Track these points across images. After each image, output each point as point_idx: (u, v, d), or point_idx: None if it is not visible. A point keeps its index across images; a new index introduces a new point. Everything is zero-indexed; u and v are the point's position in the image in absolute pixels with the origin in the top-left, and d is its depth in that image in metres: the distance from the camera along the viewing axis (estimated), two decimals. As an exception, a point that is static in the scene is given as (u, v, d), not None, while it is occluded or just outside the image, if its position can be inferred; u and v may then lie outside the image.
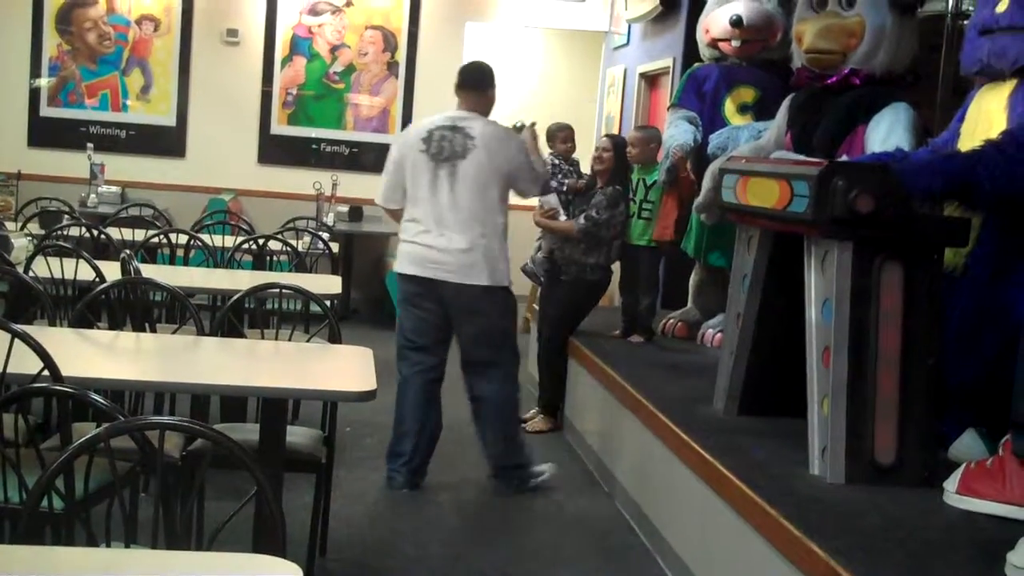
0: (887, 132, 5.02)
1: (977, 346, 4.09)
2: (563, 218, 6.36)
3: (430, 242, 5.08)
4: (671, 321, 6.84)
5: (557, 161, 6.49)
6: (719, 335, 6.20)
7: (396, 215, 5.33)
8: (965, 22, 4.98)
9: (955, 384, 4.07)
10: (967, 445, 4.04)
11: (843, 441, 3.83)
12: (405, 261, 5.19)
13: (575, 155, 6.65)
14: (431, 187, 5.09)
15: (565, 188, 6.41)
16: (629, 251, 6.49)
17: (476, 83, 5.37)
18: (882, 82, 5.20)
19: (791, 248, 4.28)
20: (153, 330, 4.74)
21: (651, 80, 9.28)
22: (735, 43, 6.51)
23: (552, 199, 6.40)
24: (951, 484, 3.68)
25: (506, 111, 11.81)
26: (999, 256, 4.08)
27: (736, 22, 6.40)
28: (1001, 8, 4.19)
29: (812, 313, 4.02)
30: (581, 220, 6.21)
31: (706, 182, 5.87)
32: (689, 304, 6.96)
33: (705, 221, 6.01)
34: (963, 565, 3.21)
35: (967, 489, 3.62)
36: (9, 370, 3.06)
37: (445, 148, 5.10)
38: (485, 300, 5.12)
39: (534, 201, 6.64)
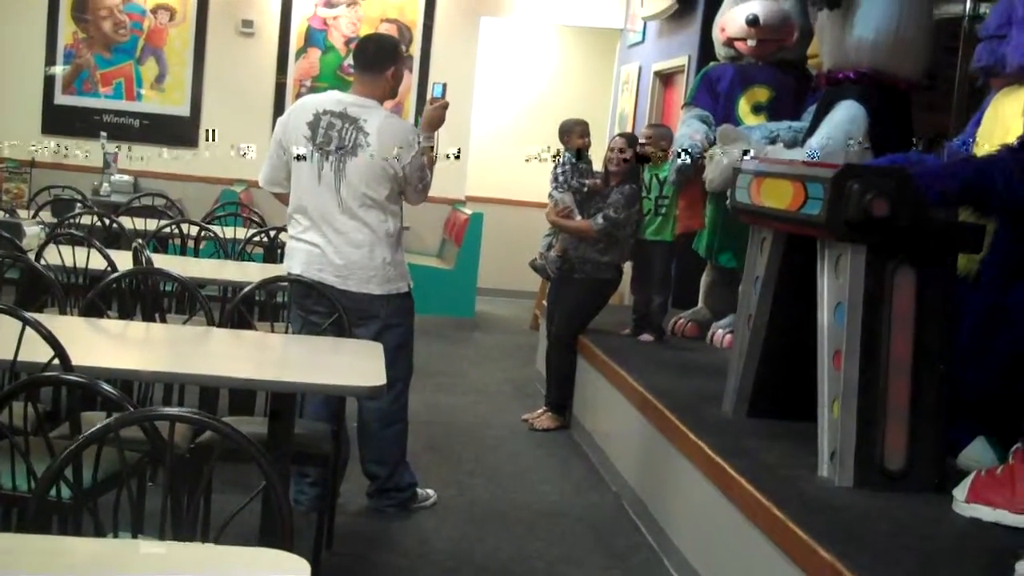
0: (822, 131, 5.13)
1: (988, 353, 4.08)
2: (578, 217, 6.35)
3: (316, 240, 4.54)
4: (681, 321, 6.83)
5: (575, 160, 6.47)
6: (729, 336, 6.19)
7: (283, 199, 4.71)
8: (980, 25, 4.97)
9: (966, 391, 4.06)
10: (977, 452, 4.02)
11: (853, 445, 3.82)
12: (292, 260, 4.63)
13: (588, 152, 6.62)
14: (315, 180, 4.51)
15: (586, 189, 6.39)
16: (642, 248, 6.48)
17: (370, 63, 4.60)
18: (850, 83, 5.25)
19: (804, 250, 4.26)
20: (163, 320, 4.74)
21: (666, 78, 9.27)
22: (751, 43, 6.50)
23: (567, 197, 6.38)
24: (960, 492, 3.66)
25: (520, 108, 11.88)
26: (1012, 262, 4.07)
27: (752, 21, 6.39)
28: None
29: (824, 316, 4.01)
30: (599, 220, 6.21)
31: (709, 171, 5.90)
32: (700, 304, 6.96)
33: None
34: (971, 573, 3.20)
35: (976, 497, 3.60)
36: (20, 358, 3.06)
37: (333, 138, 4.49)
38: (378, 305, 4.58)
39: (545, 198, 6.63)
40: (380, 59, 4.60)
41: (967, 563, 3.27)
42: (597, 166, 6.69)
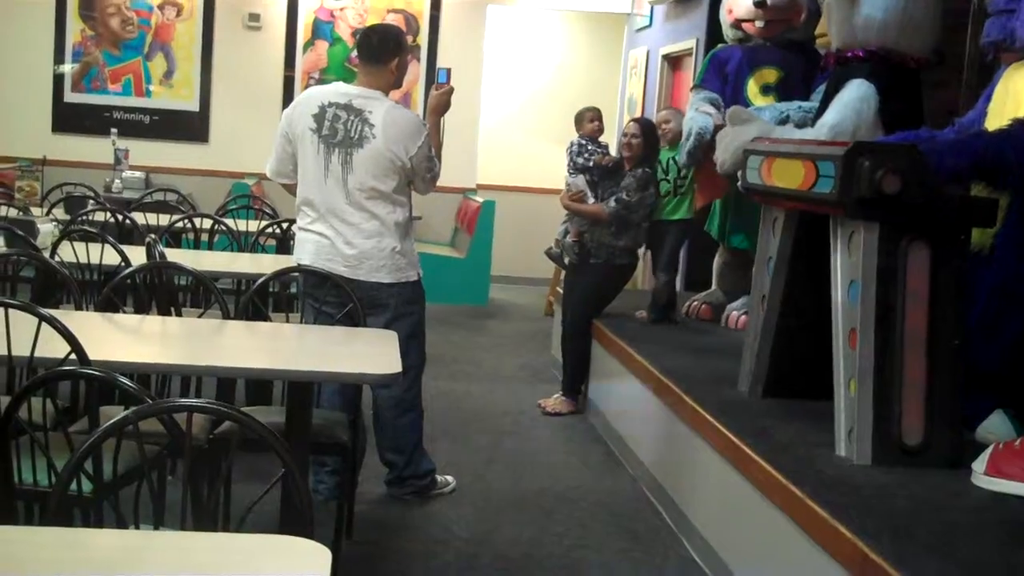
0: (832, 110, 5.11)
1: (1004, 327, 4.07)
2: (591, 200, 6.35)
3: (324, 231, 4.55)
4: (695, 303, 6.83)
5: (584, 142, 6.49)
6: (744, 317, 6.18)
7: (291, 189, 4.71)
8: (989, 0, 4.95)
9: (982, 365, 4.05)
10: (995, 426, 4.02)
11: (870, 422, 3.82)
12: (301, 251, 4.64)
13: (602, 138, 6.64)
14: (322, 172, 4.51)
15: (592, 163, 6.39)
16: (658, 229, 6.47)
17: (374, 54, 4.57)
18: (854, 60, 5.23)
19: (817, 229, 4.26)
20: (179, 314, 4.75)
21: (674, 62, 9.25)
22: (759, 23, 6.48)
23: (580, 180, 6.39)
24: (979, 465, 3.66)
25: (529, 95, 11.87)
26: (1025, 236, 4.06)
27: (760, 3, 6.36)
28: None
29: (838, 295, 4.00)
30: (612, 203, 6.21)
31: (720, 153, 5.88)
32: (713, 286, 6.95)
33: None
34: (991, 546, 3.19)
35: (995, 470, 3.60)
36: (37, 354, 3.07)
37: (339, 131, 4.48)
38: (388, 294, 4.59)
39: (561, 183, 6.64)
40: (384, 50, 4.57)
41: (986, 536, 3.26)
42: (610, 150, 6.70)
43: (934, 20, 5.18)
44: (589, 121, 6.57)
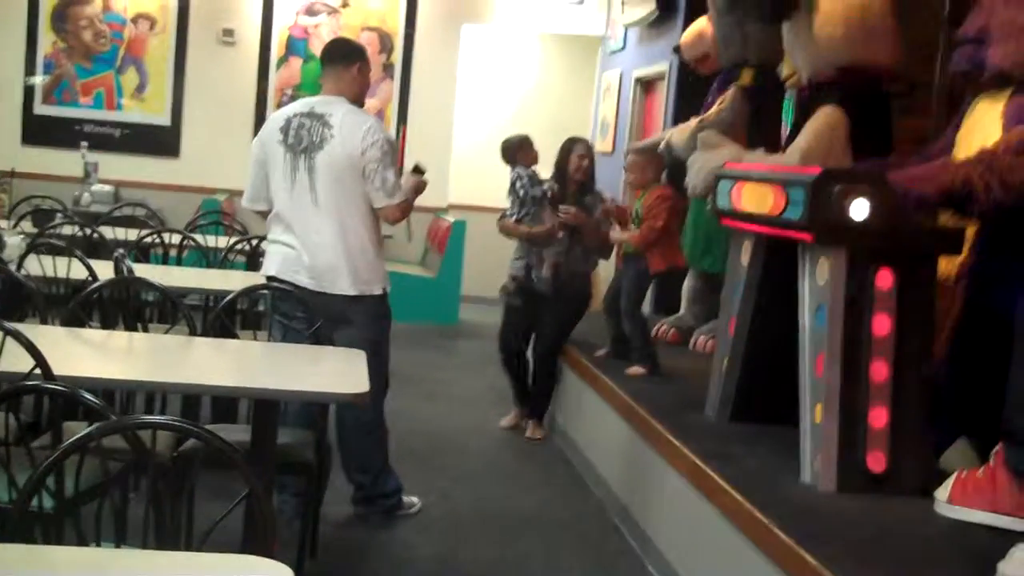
0: (802, 137, 5.12)
1: (969, 355, 4.09)
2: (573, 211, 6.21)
3: (291, 242, 4.56)
4: (664, 327, 6.83)
5: (532, 172, 6.45)
6: (712, 341, 6.18)
7: (265, 215, 4.72)
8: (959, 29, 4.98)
9: (947, 393, 4.07)
10: (958, 454, 4.04)
11: (835, 449, 3.83)
12: (269, 262, 4.66)
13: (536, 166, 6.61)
14: (289, 181, 4.52)
15: (548, 193, 6.31)
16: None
17: (339, 56, 4.68)
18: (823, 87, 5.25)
19: (786, 254, 4.28)
20: (145, 330, 4.73)
21: (647, 85, 9.28)
22: (693, 65, 6.65)
23: (569, 208, 6.19)
24: (942, 493, 3.67)
25: (502, 115, 11.89)
26: (992, 264, 4.08)
27: (675, 49, 6.48)
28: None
29: (806, 320, 4.02)
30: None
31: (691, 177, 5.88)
32: (682, 310, 6.96)
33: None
34: (954, 574, 3.21)
35: (958, 498, 3.61)
36: (0, 368, 3.05)
37: (303, 137, 4.51)
38: (351, 308, 4.55)
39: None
40: (348, 54, 4.68)
41: (949, 564, 3.28)
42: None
43: (895, 26, 5.22)
44: (530, 151, 6.53)
